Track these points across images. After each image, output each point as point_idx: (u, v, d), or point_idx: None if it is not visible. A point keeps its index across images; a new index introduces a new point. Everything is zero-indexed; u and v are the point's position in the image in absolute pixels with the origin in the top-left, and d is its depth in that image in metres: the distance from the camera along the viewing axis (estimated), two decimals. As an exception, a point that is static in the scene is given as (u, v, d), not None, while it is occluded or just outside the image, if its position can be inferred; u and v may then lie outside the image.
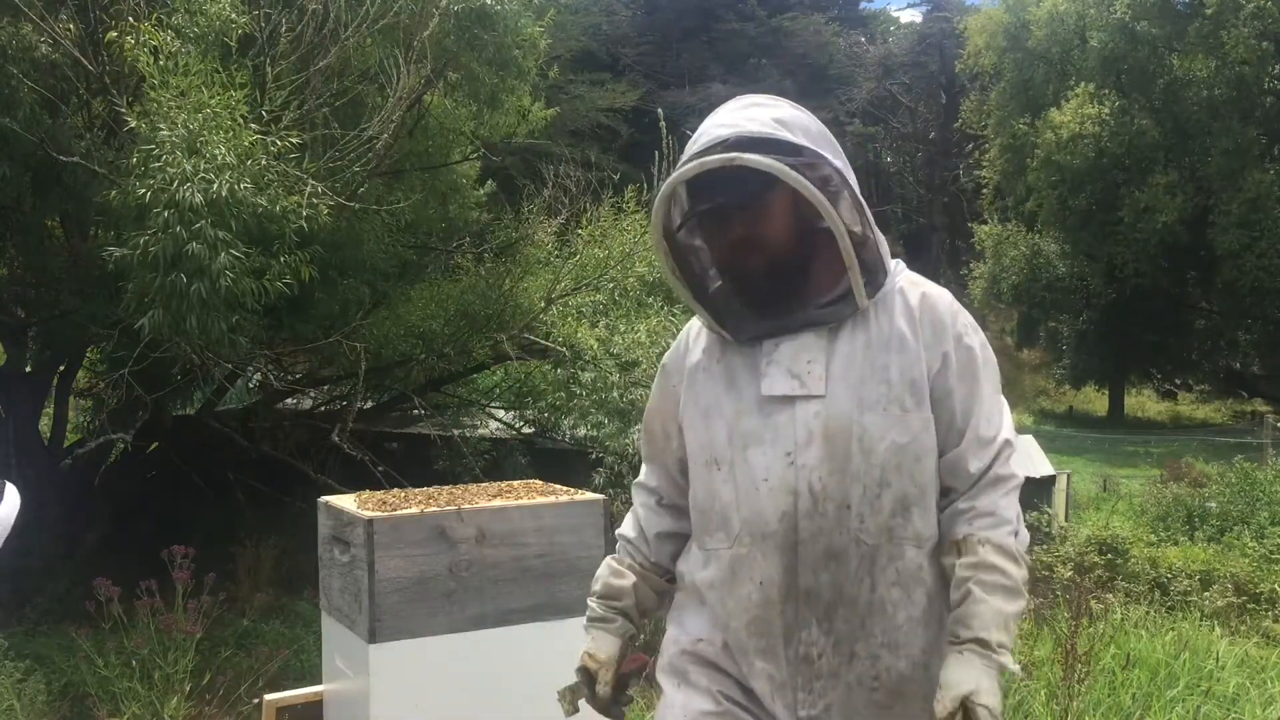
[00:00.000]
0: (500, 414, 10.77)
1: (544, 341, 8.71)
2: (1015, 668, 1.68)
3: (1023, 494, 1.77)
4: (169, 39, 6.25)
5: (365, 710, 1.74)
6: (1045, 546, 9.15)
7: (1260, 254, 22.09)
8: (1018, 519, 1.74)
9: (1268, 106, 23.93)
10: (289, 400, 10.27)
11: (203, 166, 5.78)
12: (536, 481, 2.05)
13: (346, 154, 7.30)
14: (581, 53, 24.98)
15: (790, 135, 1.72)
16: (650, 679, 1.91)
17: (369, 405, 9.73)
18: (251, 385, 10.83)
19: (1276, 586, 8.06)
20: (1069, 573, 8.17)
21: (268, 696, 2.05)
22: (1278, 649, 5.76)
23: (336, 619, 1.87)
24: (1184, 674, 4.63)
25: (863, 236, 1.74)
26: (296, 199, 6.29)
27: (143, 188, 5.81)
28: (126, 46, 6.35)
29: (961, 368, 1.76)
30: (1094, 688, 4.26)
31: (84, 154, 6.75)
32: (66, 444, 10.00)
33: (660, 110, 9.37)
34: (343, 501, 1.89)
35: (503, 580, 1.81)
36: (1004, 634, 1.67)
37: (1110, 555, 8.78)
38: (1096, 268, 25.72)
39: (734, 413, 1.80)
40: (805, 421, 1.74)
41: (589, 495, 1.92)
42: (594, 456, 8.38)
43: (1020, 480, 1.77)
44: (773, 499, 1.74)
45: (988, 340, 1.83)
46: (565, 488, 2.00)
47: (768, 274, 1.77)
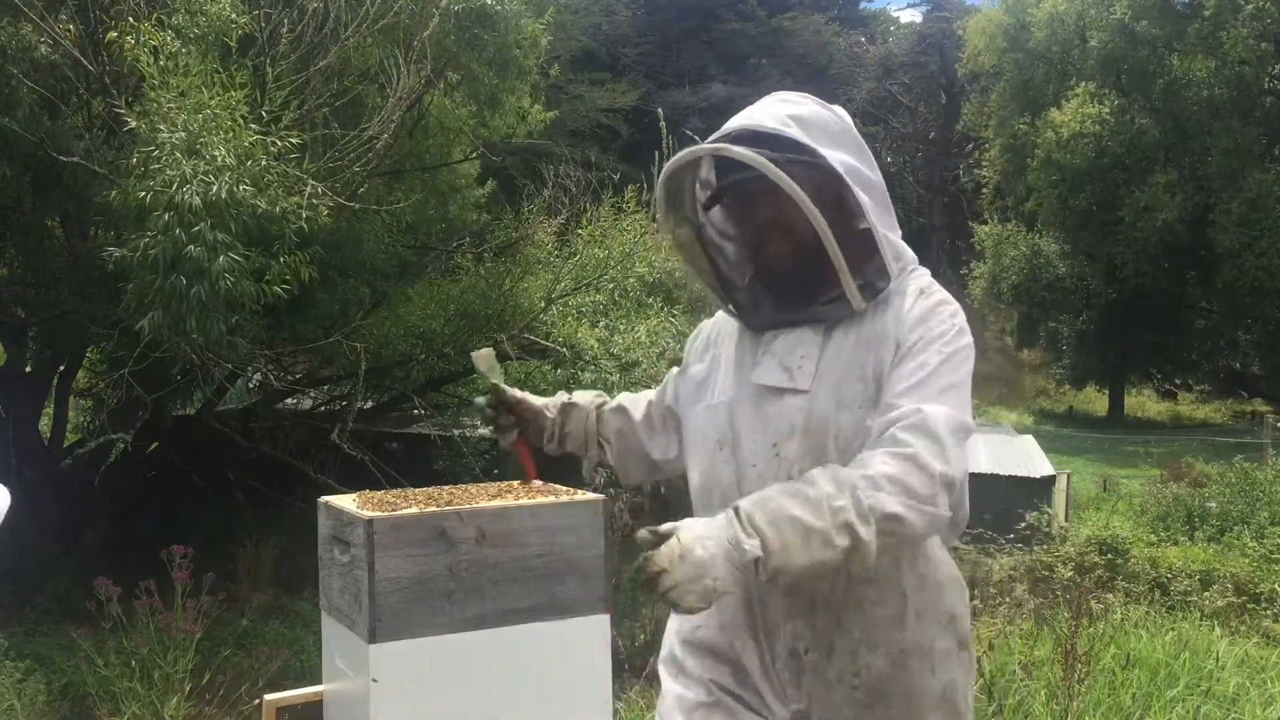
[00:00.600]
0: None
1: (544, 341, 8.72)
2: (752, 551, 1.50)
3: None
4: (169, 39, 6.25)
5: (365, 710, 1.74)
6: (1045, 546, 9.16)
7: (1260, 253, 22.10)
8: (894, 494, 1.56)
9: (1268, 106, 23.95)
10: (289, 400, 10.28)
11: (202, 168, 5.79)
12: (537, 481, 2.04)
13: (346, 154, 7.30)
14: (581, 53, 24.99)
15: (798, 132, 1.74)
16: (651, 677, 1.91)
17: (369, 405, 9.74)
18: (251, 385, 10.83)
19: (1276, 586, 8.07)
20: (1069, 573, 8.18)
21: (268, 696, 2.05)
22: (1278, 649, 5.76)
23: (336, 619, 1.87)
24: (1184, 674, 4.63)
25: (866, 235, 1.74)
26: (296, 200, 6.29)
27: (142, 189, 5.81)
28: (126, 47, 6.35)
29: (907, 351, 1.71)
30: (1094, 688, 4.27)
31: (84, 154, 6.75)
32: (66, 444, 10.01)
33: (660, 110, 9.38)
34: (343, 501, 1.89)
35: (503, 580, 1.80)
36: (766, 521, 1.52)
37: (1110, 555, 8.79)
38: (1096, 267, 25.72)
39: (734, 398, 1.85)
40: (789, 415, 1.77)
41: (589, 495, 1.92)
42: (594, 456, 8.38)
43: (928, 462, 1.58)
44: (760, 485, 1.76)
45: (979, 342, 1.81)
46: (565, 488, 1.99)
47: (794, 265, 1.79)
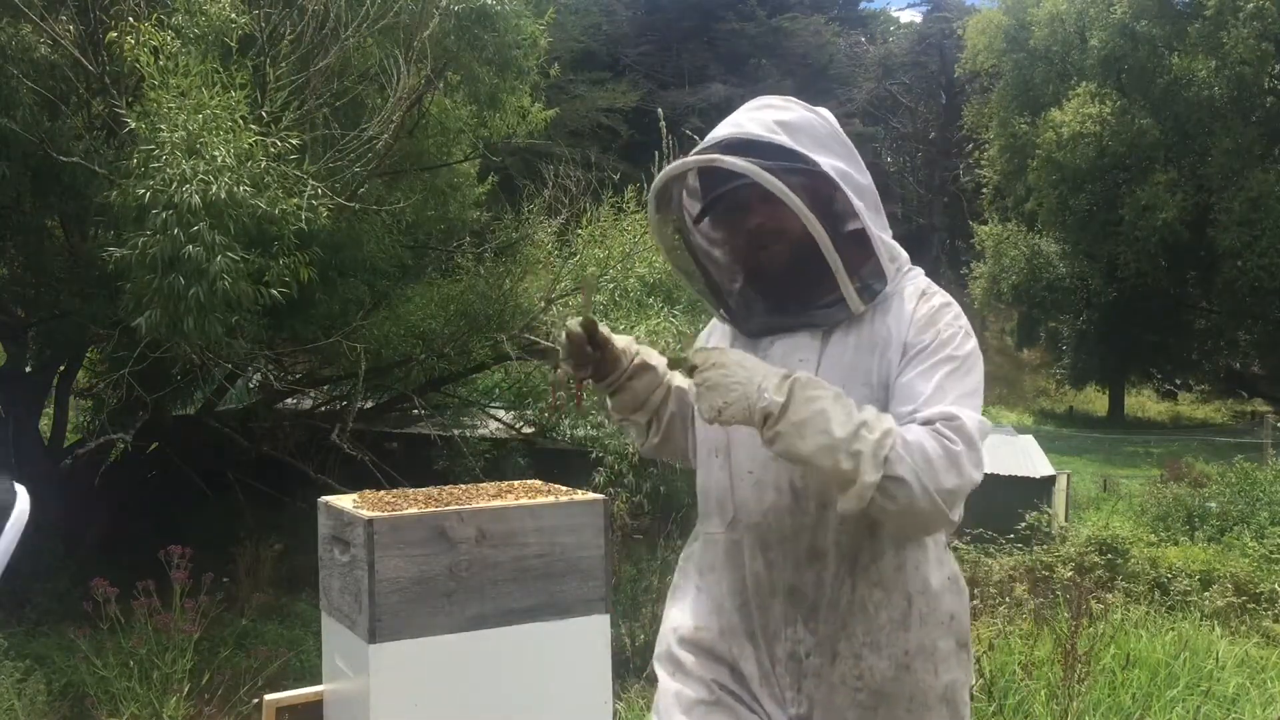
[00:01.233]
0: (500, 414, 10.77)
1: (544, 341, 8.71)
2: (772, 404, 1.57)
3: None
4: (169, 39, 6.25)
5: (365, 710, 1.74)
6: (1045, 546, 9.16)
7: (1260, 253, 22.11)
8: (919, 469, 1.56)
9: (1268, 106, 23.97)
10: (289, 400, 10.27)
11: (202, 168, 5.78)
12: (536, 481, 2.04)
13: (346, 154, 7.30)
14: (581, 53, 25.02)
15: (787, 139, 1.74)
16: (651, 677, 1.91)
17: (369, 405, 9.73)
18: (251, 385, 10.82)
19: (1276, 586, 8.07)
20: (1069, 573, 8.18)
21: (268, 696, 2.05)
22: (1278, 649, 5.76)
23: (336, 619, 1.87)
24: (1184, 674, 4.63)
25: (860, 237, 1.74)
26: (296, 201, 6.28)
27: (142, 188, 5.81)
28: (126, 47, 6.35)
29: (916, 355, 1.71)
30: (1094, 688, 4.27)
31: (84, 154, 6.76)
32: (66, 444, 10.00)
33: (660, 110, 9.34)
34: (343, 501, 1.89)
35: (503, 580, 1.81)
36: (802, 395, 1.58)
37: (1110, 555, 8.79)
38: (1097, 267, 25.73)
39: None
40: None
41: (589, 495, 1.92)
42: (594, 456, 8.39)
43: (965, 466, 1.58)
44: (758, 491, 1.77)
45: (979, 342, 1.80)
46: (565, 488, 1.99)
47: (788, 270, 1.78)
